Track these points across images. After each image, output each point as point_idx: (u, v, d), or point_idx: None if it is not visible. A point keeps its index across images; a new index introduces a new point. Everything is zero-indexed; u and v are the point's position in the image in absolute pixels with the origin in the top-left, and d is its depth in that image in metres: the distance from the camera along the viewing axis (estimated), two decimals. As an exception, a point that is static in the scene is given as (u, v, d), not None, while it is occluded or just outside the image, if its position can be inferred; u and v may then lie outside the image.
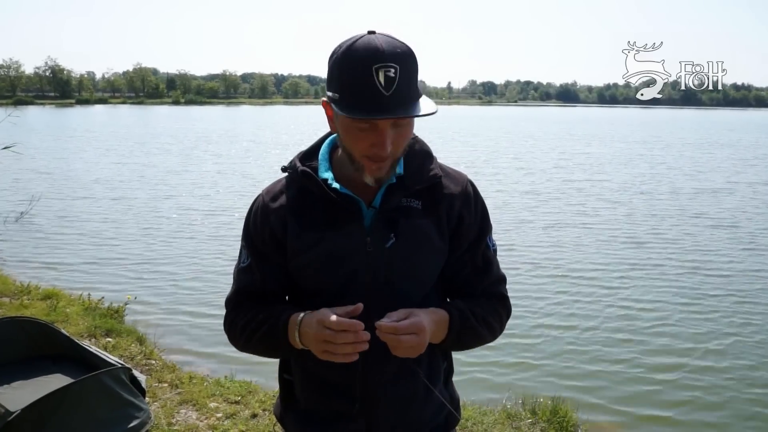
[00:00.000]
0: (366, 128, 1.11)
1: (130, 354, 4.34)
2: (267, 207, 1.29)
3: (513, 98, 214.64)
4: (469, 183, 1.32)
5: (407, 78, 1.09)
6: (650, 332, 5.52)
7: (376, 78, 1.06)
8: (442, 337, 1.22)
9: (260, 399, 3.69)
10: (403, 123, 1.13)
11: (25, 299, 5.37)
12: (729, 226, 10.03)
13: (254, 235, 1.30)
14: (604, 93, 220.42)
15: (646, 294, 6.56)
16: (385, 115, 1.07)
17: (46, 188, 12.65)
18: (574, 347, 5.19)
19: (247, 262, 1.31)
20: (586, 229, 9.73)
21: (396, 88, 1.07)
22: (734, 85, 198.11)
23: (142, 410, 3.02)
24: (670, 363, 4.92)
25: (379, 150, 1.12)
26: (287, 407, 1.39)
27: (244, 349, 1.31)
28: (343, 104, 1.10)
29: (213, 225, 9.66)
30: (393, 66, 1.06)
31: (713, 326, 5.67)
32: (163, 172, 16.04)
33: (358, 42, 1.09)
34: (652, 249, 8.47)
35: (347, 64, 1.09)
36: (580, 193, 13.32)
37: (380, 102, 1.06)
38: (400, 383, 1.27)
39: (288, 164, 1.31)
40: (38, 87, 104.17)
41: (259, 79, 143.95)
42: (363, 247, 1.21)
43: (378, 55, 1.06)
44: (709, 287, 6.79)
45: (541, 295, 6.43)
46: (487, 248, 1.32)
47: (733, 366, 4.89)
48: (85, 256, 7.76)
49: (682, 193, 13.57)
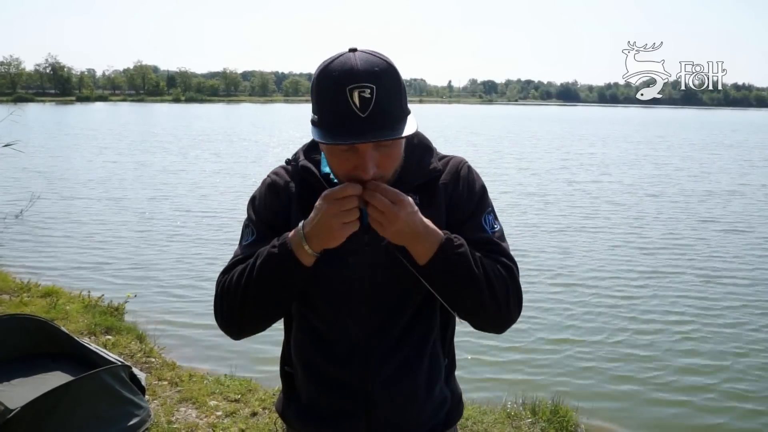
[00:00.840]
0: (347, 150, 1.08)
1: (129, 352, 4.34)
2: (277, 185, 1.28)
3: (513, 97, 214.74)
4: (463, 164, 1.29)
5: (386, 97, 1.04)
6: (652, 334, 5.51)
7: (350, 99, 1.02)
8: (428, 252, 1.11)
9: (260, 397, 3.68)
10: (388, 143, 1.09)
11: (24, 296, 5.36)
12: (744, 231, 9.69)
13: (262, 210, 1.27)
14: (605, 92, 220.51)
15: (648, 296, 6.55)
16: (360, 139, 1.02)
17: (46, 186, 12.64)
18: (575, 347, 5.18)
19: (251, 239, 1.25)
20: (592, 233, 9.72)
21: (372, 109, 1.02)
22: (735, 85, 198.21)
23: (142, 408, 3.02)
24: (672, 365, 4.91)
25: (361, 173, 1.07)
26: (289, 401, 1.38)
27: (242, 306, 1.18)
28: (319, 128, 1.07)
29: (214, 224, 9.65)
30: (368, 86, 1.02)
31: (715, 329, 5.65)
32: (164, 171, 16.03)
33: (335, 62, 1.06)
34: (660, 253, 8.46)
35: (322, 86, 1.06)
36: (587, 196, 12.93)
37: (356, 124, 1.02)
38: (401, 380, 1.26)
39: (292, 156, 1.31)
40: (39, 84, 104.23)
41: (260, 77, 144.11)
42: (361, 244, 1.20)
43: (353, 75, 1.02)
44: (716, 292, 6.76)
45: (542, 296, 6.42)
46: (484, 230, 1.23)
47: (737, 367, 4.88)
48: (86, 254, 7.75)
49: (692, 195, 13.21)
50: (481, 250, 1.19)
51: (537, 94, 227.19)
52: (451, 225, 1.21)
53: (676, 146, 28.46)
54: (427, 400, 1.30)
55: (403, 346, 1.23)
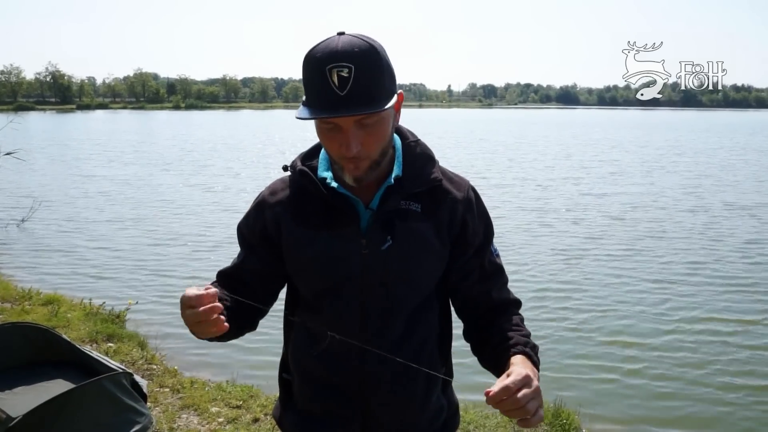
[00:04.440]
0: (331, 128, 1.13)
1: (131, 359, 4.34)
2: (265, 202, 1.31)
3: (513, 101, 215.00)
4: (471, 188, 1.32)
5: (365, 77, 1.08)
6: (654, 338, 5.50)
7: (329, 78, 1.07)
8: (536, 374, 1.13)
9: (262, 403, 3.68)
10: (370, 122, 1.12)
11: (26, 305, 5.37)
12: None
13: (246, 227, 1.33)
14: (604, 95, 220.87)
15: (654, 300, 6.55)
16: (335, 113, 1.07)
17: (47, 194, 12.65)
18: (578, 352, 5.17)
19: (237, 259, 1.35)
20: (592, 237, 9.72)
21: (351, 88, 1.07)
22: (734, 86, 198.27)
23: (144, 415, 3.02)
24: (675, 370, 4.89)
25: (344, 150, 1.12)
26: (286, 408, 1.39)
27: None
28: (306, 107, 1.13)
29: (216, 231, 9.64)
30: (346, 66, 1.06)
31: (723, 337, 5.62)
32: (164, 177, 16.05)
33: (319, 45, 1.11)
34: (670, 255, 8.45)
35: (306, 66, 1.12)
36: (618, 208, 11.56)
37: (334, 102, 1.07)
38: (398, 388, 1.26)
39: (290, 164, 1.32)
40: (39, 93, 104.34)
41: (260, 84, 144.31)
42: (358, 249, 1.20)
43: (332, 56, 1.07)
44: (728, 297, 6.75)
45: (546, 301, 6.42)
46: (492, 254, 1.32)
47: (745, 374, 4.87)
48: (87, 262, 7.76)
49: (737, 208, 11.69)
50: (491, 273, 1.31)
51: (536, 98, 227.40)
52: (461, 243, 1.27)
53: (701, 152, 26.11)
54: (423, 408, 1.30)
55: (399, 354, 1.23)
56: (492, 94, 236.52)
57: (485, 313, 1.30)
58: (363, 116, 1.10)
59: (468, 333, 1.34)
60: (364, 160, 1.14)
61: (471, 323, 1.33)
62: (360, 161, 1.14)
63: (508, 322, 1.27)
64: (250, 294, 1.27)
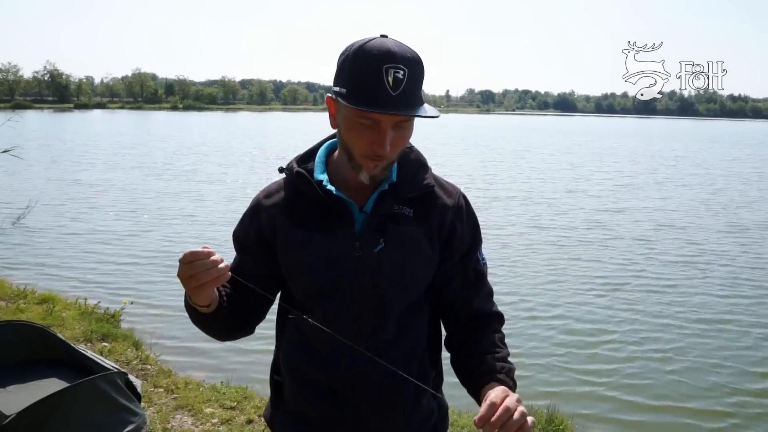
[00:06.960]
0: (368, 125, 1.13)
1: (125, 359, 4.34)
2: (260, 205, 1.32)
3: (511, 107, 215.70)
4: (462, 195, 1.33)
5: (414, 82, 1.12)
6: (648, 345, 5.53)
7: (385, 77, 1.09)
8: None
9: (256, 405, 3.68)
10: (404, 126, 1.16)
11: (21, 303, 5.36)
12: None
13: (241, 231, 1.34)
14: (602, 102, 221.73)
15: (648, 302, 6.57)
16: (390, 110, 1.09)
17: (42, 193, 12.63)
18: (571, 357, 5.19)
19: (235, 260, 1.35)
20: (590, 240, 9.75)
21: (403, 90, 1.10)
22: (731, 96, 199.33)
23: (138, 415, 3.02)
24: (668, 377, 4.92)
25: (378, 148, 1.14)
26: (277, 409, 1.39)
27: (202, 329, 1.31)
28: (349, 97, 1.12)
29: (214, 232, 9.64)
30: (402, 68, 1.09)
31: (719, 341, 5.66)
32: (161, 178, 16.04)
33: (370, 42, 1.12)
34: (668, 265, 8.48)
35: (359, 61, 1.12)
36: (635, 227, 10.60)
37: (386, 100, 1.09)
38: (388, 390, 1.26)
39: (286, 166, 1.33)
40: (37, 91, 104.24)
41: (258, 86, 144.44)
42: (352, 251, 1.22)
43: (389, 56, 1.10)
44: (720, 303, 6.78)
45: (540, 306, 6.43)
46: (478, 262, 1.33)
47: (738, 379, 4.89)
48: (82, 261, 7.75)
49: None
50: (474, 280, 1.32)
51: (534, 104, 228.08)
52: (448, 248, 1.28)
53: (712, 164, 25.06)
54: (414, 410, 1.30)
55: (391, 355, 1.23)
56: (490, 99, 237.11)
57: (467, 322, 1.31)
58: (405, 119, 1.13)
59: (448, 343, 1.35)
60: (385, 160, 1.17)
61: (451, 332, 1.34)
62: (381, 160, 1.17)
63: (486, 340, 1.27)
64: (246, 297, 1.28)
